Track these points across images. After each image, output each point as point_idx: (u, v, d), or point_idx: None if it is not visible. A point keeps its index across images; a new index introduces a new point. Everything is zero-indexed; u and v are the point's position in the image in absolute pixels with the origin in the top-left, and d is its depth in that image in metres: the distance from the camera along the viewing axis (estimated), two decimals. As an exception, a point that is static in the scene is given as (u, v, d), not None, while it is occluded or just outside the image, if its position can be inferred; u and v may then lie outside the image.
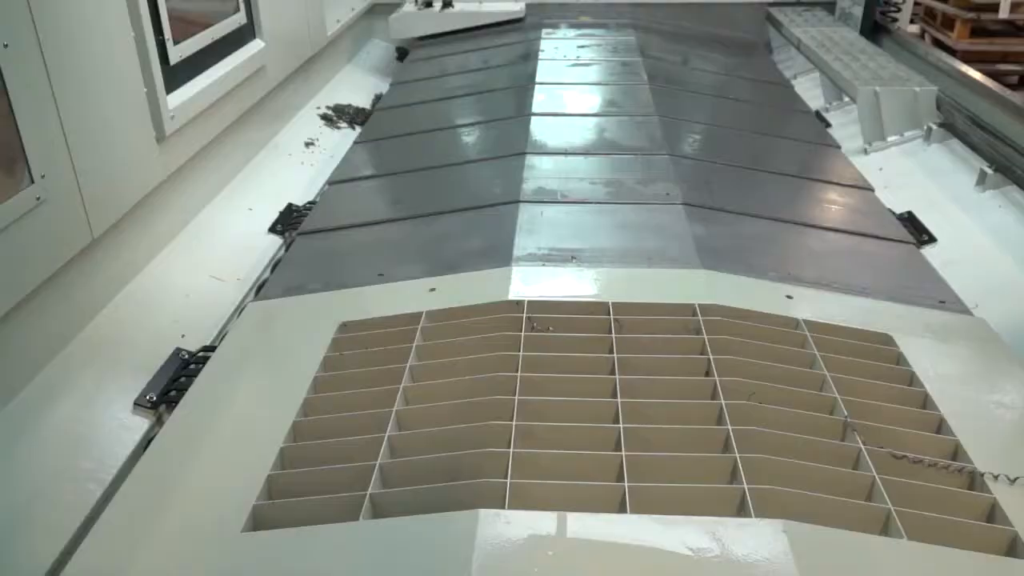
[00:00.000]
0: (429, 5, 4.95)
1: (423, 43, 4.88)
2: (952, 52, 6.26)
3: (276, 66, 3.66)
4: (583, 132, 3.20)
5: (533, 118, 3.32)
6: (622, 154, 2.97)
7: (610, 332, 1.83)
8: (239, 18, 3.29)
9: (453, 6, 4.95)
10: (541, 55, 4.20)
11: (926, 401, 1.68)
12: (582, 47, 4.38)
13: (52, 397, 1.98)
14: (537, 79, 3.81)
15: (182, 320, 2.38)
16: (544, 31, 4.67)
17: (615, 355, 1.74)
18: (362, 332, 1.93)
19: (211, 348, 2.23)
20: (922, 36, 7.02)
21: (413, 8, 4.98)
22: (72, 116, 2.10)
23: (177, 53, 2.73)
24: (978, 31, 6.67)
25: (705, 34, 4.94)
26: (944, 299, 2.15)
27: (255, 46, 3.42)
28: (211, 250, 2.76)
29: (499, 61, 4.33)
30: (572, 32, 4.72)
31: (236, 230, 2.93)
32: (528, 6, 5.02)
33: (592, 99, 3.65)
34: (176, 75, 2.73)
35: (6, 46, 1.85)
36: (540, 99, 3.55)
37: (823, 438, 1.54)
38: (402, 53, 5.11)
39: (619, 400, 1.60)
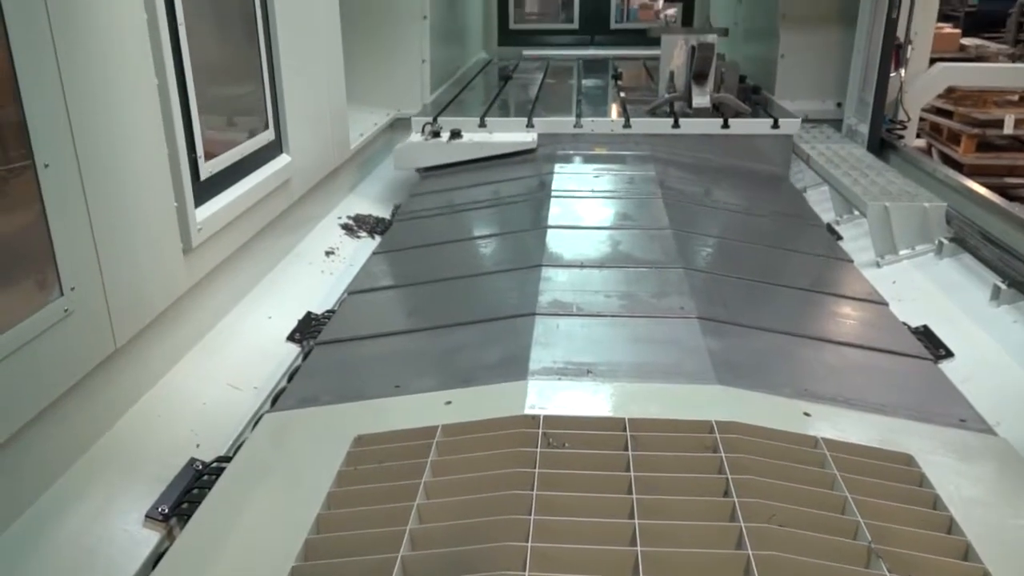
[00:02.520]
0: (437, 135, 4.72)
1: (429, 174, 4.63)
2: (959, 166, 6.40)
3: (301, 179, 3.79)
4: (598, 245, 3.26)
5: (549, 231, 3.39)
6: (636, 267, 3.02)
7: (627, 449, 1.81)
8: (268, 135, 3.43)
9: (461, 136, 4.69)
10: (554, 194, 3.91)
11: (951, 526, 1.64)
12: (597, 178, 4.23)
13: (65, 507, 1.97)
14: (549, 222, 3.55)
15: (198, 429, 2.38)
16: (557, 165, 4.40)
17: (632, 473, 1.72)
18: (377, 446, 1.92)
19: (226, 459, 2.22)
20: (929, 150, 7.18)
21: (419, 138, 4.70)
22: (104, 231, 2.17)
23: (208, 169, 2.84)
24: (984, 146, 6.82)
25: (727, 165, 4.71)
26: (964, 417, 2.13)
27: (282, 160, 3.55)
28: (230, 358, 2.79)
29: (510, 192, 4.08)
30: (588, 167, 4.42)
31: (255, 338, 2.97)
32: (540, 136, 4.75)
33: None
34: (206, 190, 2.84)
35: (47, 166, 1.94)
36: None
37: (847, 564, 1.50)
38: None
39: (636, 521, 1.57)
